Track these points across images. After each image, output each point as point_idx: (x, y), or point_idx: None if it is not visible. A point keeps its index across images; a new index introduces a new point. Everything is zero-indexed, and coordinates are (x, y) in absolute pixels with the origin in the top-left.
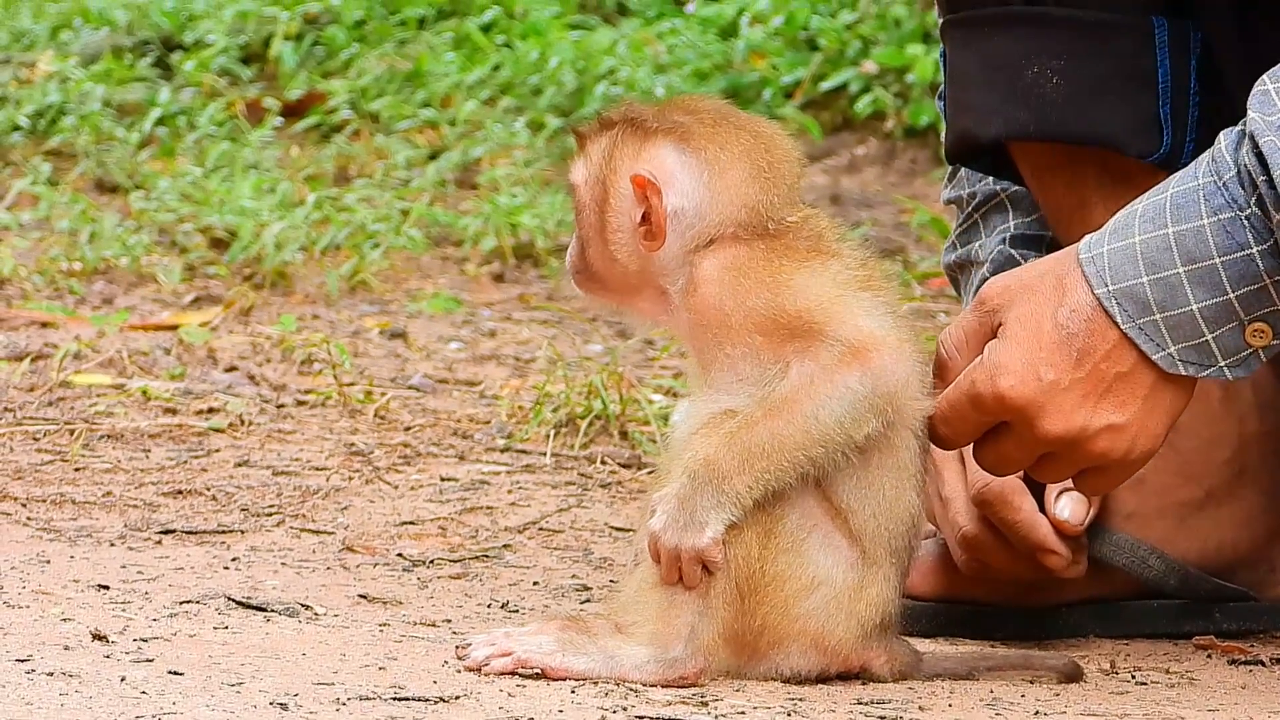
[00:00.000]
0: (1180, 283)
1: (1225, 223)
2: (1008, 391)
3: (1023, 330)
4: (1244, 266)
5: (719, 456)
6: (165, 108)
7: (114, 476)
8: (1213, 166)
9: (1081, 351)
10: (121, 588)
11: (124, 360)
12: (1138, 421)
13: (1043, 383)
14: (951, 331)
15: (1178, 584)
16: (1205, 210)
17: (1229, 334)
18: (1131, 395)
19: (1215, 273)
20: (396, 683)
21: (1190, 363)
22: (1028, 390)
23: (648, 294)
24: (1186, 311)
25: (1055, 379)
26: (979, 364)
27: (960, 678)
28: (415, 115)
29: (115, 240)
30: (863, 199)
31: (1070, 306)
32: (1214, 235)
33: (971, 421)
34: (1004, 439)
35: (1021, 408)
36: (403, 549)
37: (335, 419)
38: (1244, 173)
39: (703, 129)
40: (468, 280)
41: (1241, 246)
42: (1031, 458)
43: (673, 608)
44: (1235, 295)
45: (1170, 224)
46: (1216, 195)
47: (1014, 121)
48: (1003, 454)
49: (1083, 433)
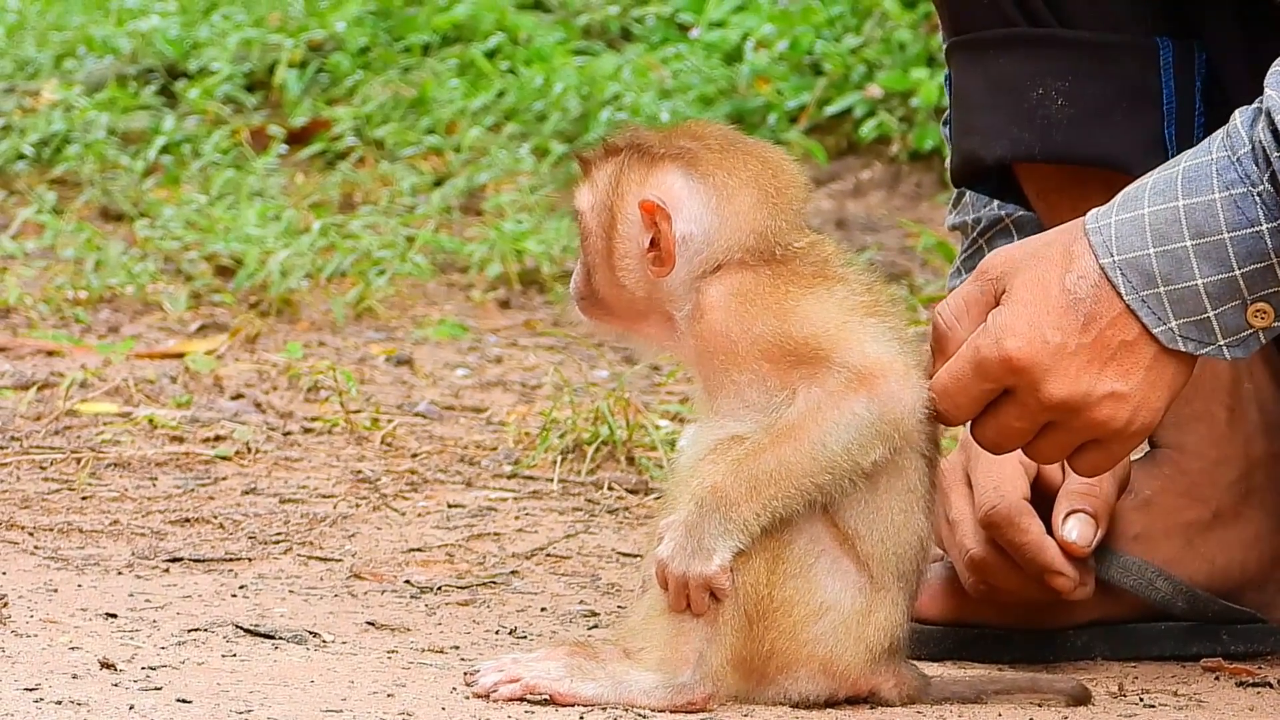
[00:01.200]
0: (1187, 256)
1: (1237, 198)
2: (1014, 353)
3: (1029, 294)
4: (1252, 244)
5: (726, 484)
6: (170, 135)
7: (121, 505)
8: (1227, 142)
9: (1088, 317)
10: (129, 616)
11: (130, 388)
12: (1140, 392)
13: (1049, 345)
14: (950, 302)
15: (1185, 606)
16: (1217, 185)
17: (1231, 312)
18: (1135, 365)
19: (1223, 248)
20: (405, 709)
21: (1190, 339)
22: (1033, 352)
23: (654, 320)
24: (1191, 286)
25: (1062, 342)
26: (983, 330)
27: (968, 701)
28: (420, 142)
29: (121, 268)
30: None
31: (1078, 273)
32: (1224, 210)
33: (974, 391)
34: (1005, 409)
35: (1027, 369)
36: (410, 576)
37: (342, 446)
38: (1258, 149)
39: (710, 154)
40: (473, 306)
41: (1252, 223)
42: (1033, 427)
43: (681, 633)
44: (1241, 272)
45: (1181, 197)
46: (1229, 170)
47: (1019, 143)
48: (1004, 425)
49: (1086, 398)
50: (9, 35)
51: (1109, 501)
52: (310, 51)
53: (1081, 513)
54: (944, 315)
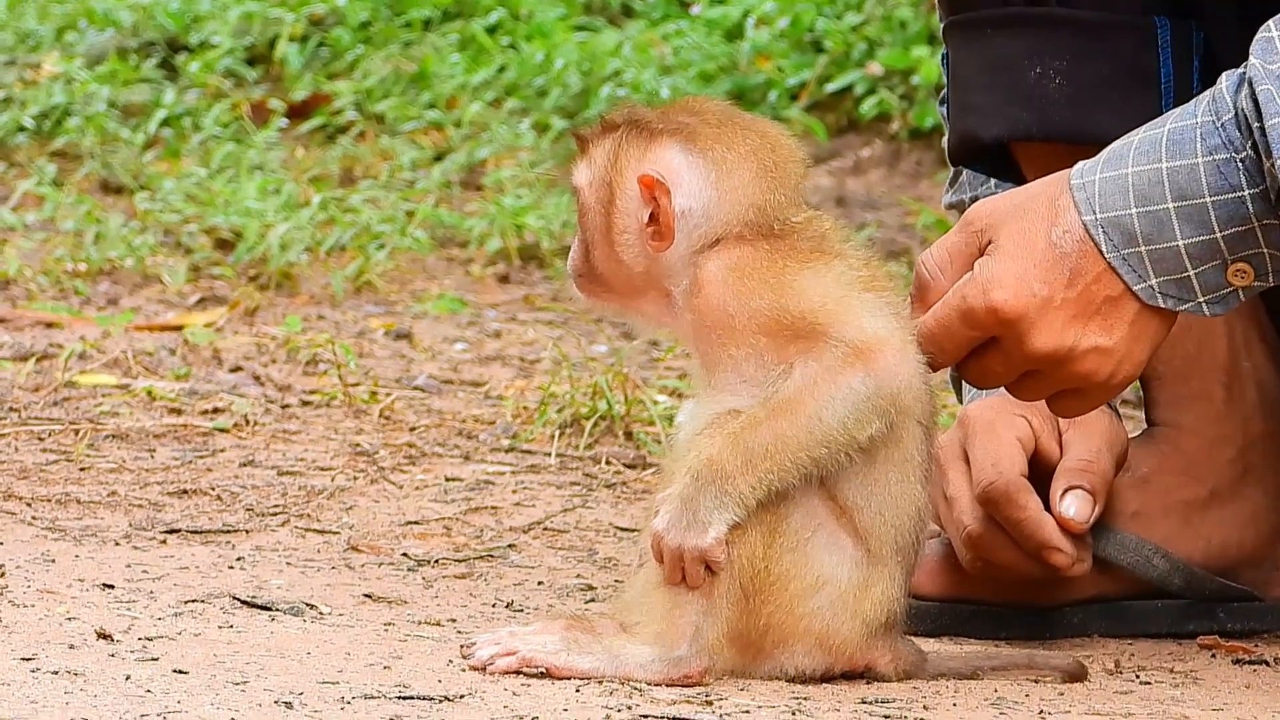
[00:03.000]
0: (1169, 218)
1: (1220, 163)
2: (1001, 305)
3: (1015, 246)
4: (1234, 208)
5: (722, 457)
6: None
7: (119, 476)
8: (1212, 106)
9: (1074, 272)
10: (126, 587)
11: (129, 361)
12: (1123, 346)
13: (1036, 298)
14: (934, 252)
15: (1182, 583)
16: (1201, 149)
17: (1211, 271)
18: (1119, 320)
19: (1205, 211)
20: (401, 682)
21: (1170, 296)
22: (1020, 304)
23: (652, 296)
24: (1172, 246)
25: (1049, 295)
26: (970, 279)
27: (965, 677)
28: (420, 117)
29: (120, 241)
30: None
31: (1064, 227)
32: (1207, 175)
33: (960, 338)
34: (990, 356)
35: (1013, 321)
36: (408, 549)
37: (340, 419)
38: (1241, 116)
39: (708, 130)
40: (473, 281)
41: (1234, 188)
42: (1016, 373)
43: (677, 607)
44: (1222, 235)
45: (1165, 159)
46: (1214, 135)
47: (1017, 122)
48: (987, 369)
49: (1071, 352)
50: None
51: (1106, 478)
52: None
53: (1079, 489)
54: (927, 265)
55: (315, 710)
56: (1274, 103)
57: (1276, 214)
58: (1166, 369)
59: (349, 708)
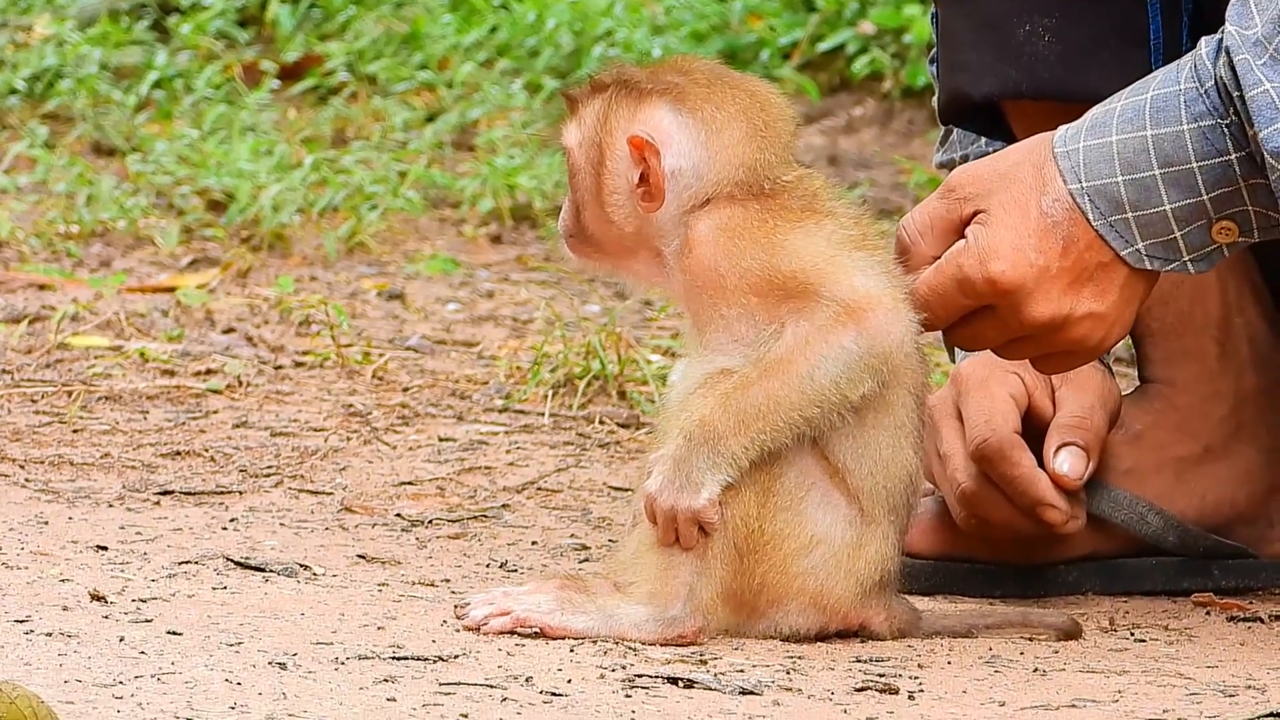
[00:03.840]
0: (1155, 184)
1: (1205, 130)
2: (999, 275)
3: (1009, 216)
4: (1221, 171)
5: (714, 417)
6: (162, 71)
7: (112, 438)
8: (1194, 72)
9: (1066, 240)
10: (120, 548)
11: (121, 322)
12: (1115, 310)
13: (1033, 267)
14: (915, 217)
15: (1176, 540)
16: (1185, 116)
17: (1197, 231)
18: (1110, 285)
19: (1192, 176)
20: (395, 642)
21: (1157, 258)
22: (1018, 274)
23: (642, 256)
24: (1159, 211)
25: (1045, 264)
26: (965, 249)
27: (959, 635)
28: (412, 77)
29: (112, 203)
30: (860, 160)
31: (1053, 196)
32: (1193, 141)
33: (955, 306)
34: (984, 323)
35: (1012, 292)
36: (401, 509)
37: (333, 380)
38: (1220, 84)
39: (697, 89)
40: (465, 242)
41: (1220, 153)
42: (1009, 339)
43: (671, 567)
44: (1208, 197)
45: (1149, 126)
46: (1198, 102)
47: (1006, 80)
48: (979, 335)
49: (1066, 319)
50: None
51: (1100, 435)
52: None
53: (1073, 445)
54: (908, 229)
55: (309, 671)
56: (1251, 73)
57: (1263, 173)
58: (1159, 326)
59: (343, 668)
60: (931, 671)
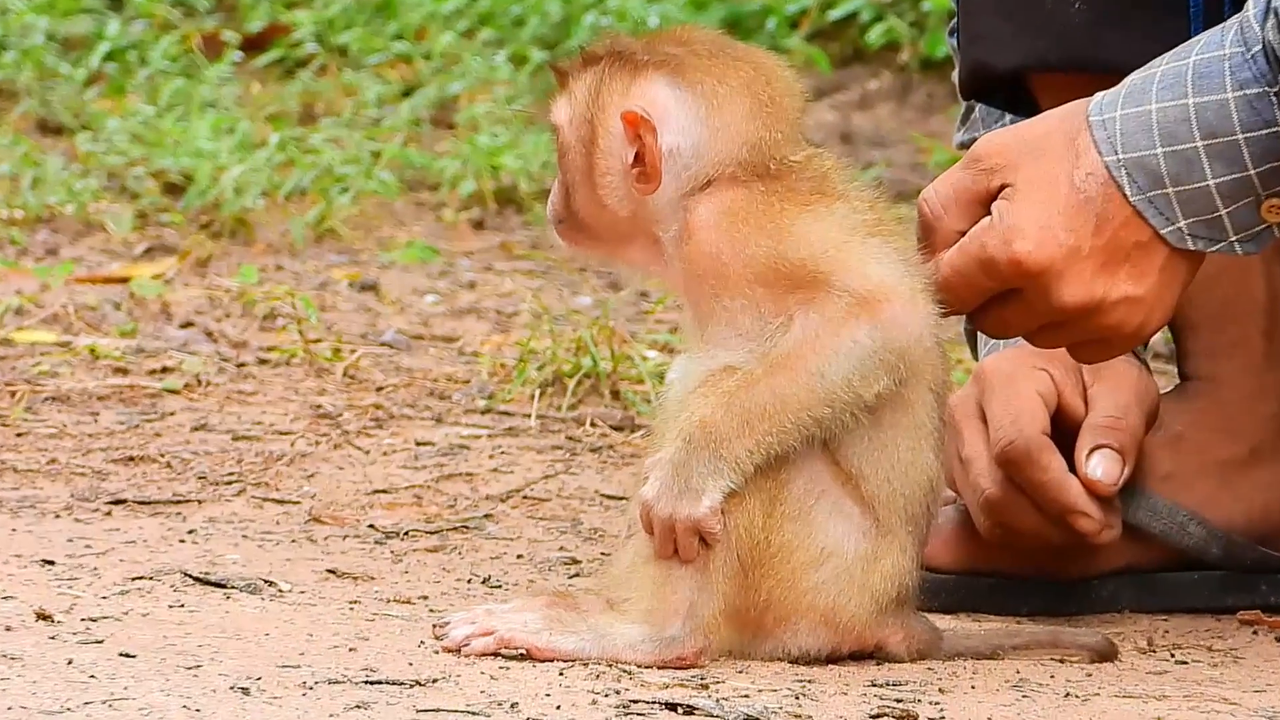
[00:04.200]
0: (1197, 157)
1: (1252, 99)
2: (1025, 257)
3: (1037, 192)
4: (1269, 144)
5: (717, 418)
6: (114, 41)
7: (59, 442)
8: (1240, 36)
9: (1100, 218)
10: (68, 563)
11: (70, 316)
12: (1154, 294)
13: (1062, 248)
14: (938, 189)
15: (1220, 553)
16: (1230, 84)
17: (1244, 209)
18: (1149, 267)
19: (1236, 148)
20: (368, 665)
21: (1200, 237)
22: (1045, 255)
23: (638, 243)
24: (1202, 187)
25: (1075, 245)
26: (989, 227)
27: (983, 657)
28: (387, 49)
29: (60, 186)
30: (875, 137)
31: (1086, 169)
32: (1239, 111)
33: (979, 288)
34: (1011, 308)
35: (1038, 274)
36: (375, 520)
37: (300, 379)
38: (1269, 49)
39: (697, 61)
40: (445, 227)
41: (1268, 124)
42: (1036, 326)
43: (669, 583)
44: (1256, 172)
45: (1191, 94)
46: (1244, 68)
47: (1033, 51)
48: (1006, 321)
49: (1101, 303)
50: None
51: (1137, 436)
52: None
53: (1107, 448)
54: (930, 203)
55: (274, 696)
56: None
57: None
58: (1200, 316)
59: (311, 693)
60: (953, 697)
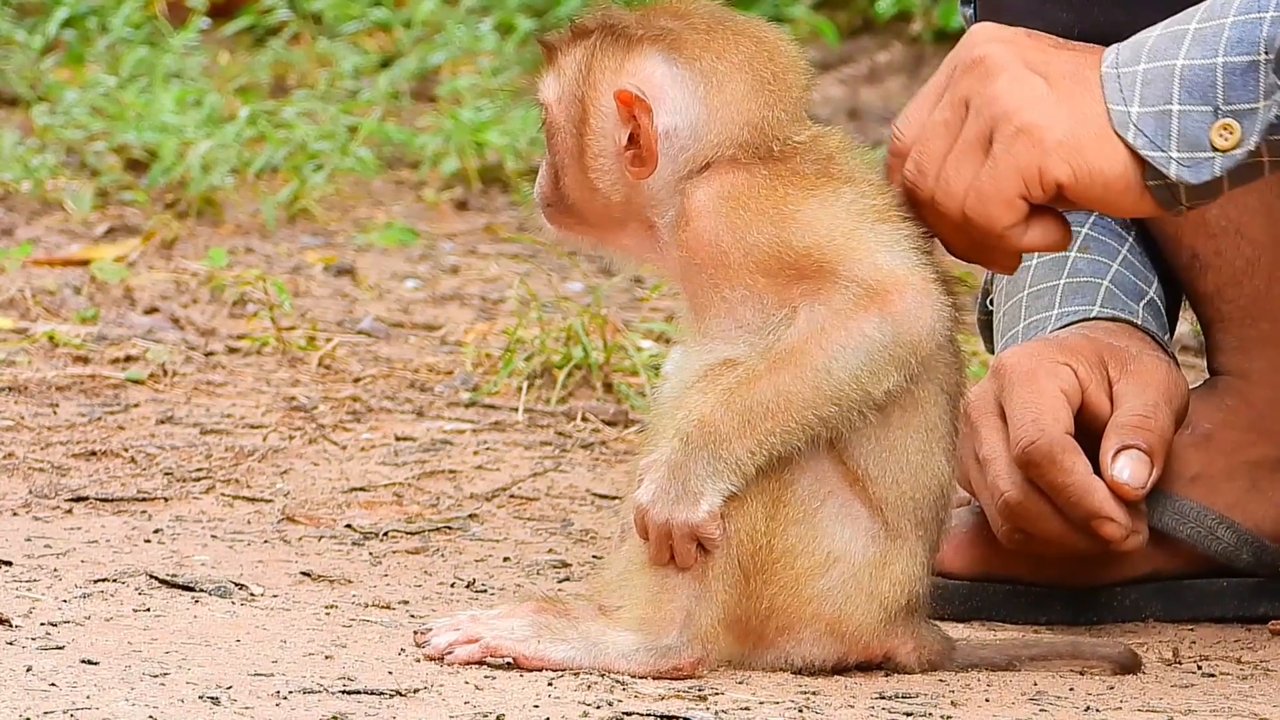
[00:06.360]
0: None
1: None
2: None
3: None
4: (1247, 29)
5: (716, 417)
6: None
7: (16, 435)
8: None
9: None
10: (26, 564)
11: (27, 301)
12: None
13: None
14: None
15: (1250, 558)
16: None
17: (1197, 117)
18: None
19: (1220, 32)
20: (345, 673)
21: (1142, 133)
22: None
23: (632, 229)
24: (1169, 65)
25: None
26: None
27: (999, 668)
28: (364, 16)
29: (15, 162)
30: (886, 113)
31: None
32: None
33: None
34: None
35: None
36: (352, 519)
37: (273, 369)
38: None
39: (695, 36)
40: (426, 208)
41: (1261, 9)
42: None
43: (666, 589)
44: (1223, 60)
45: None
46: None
47: (1055, 22)
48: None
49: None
50: None
51: (1165, 436)
52: None
53: (1134, 449)
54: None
55: (245, 706)
56: None
57: None
58: (1231, 309)
59: (285, 703)
60: (967, 710)
